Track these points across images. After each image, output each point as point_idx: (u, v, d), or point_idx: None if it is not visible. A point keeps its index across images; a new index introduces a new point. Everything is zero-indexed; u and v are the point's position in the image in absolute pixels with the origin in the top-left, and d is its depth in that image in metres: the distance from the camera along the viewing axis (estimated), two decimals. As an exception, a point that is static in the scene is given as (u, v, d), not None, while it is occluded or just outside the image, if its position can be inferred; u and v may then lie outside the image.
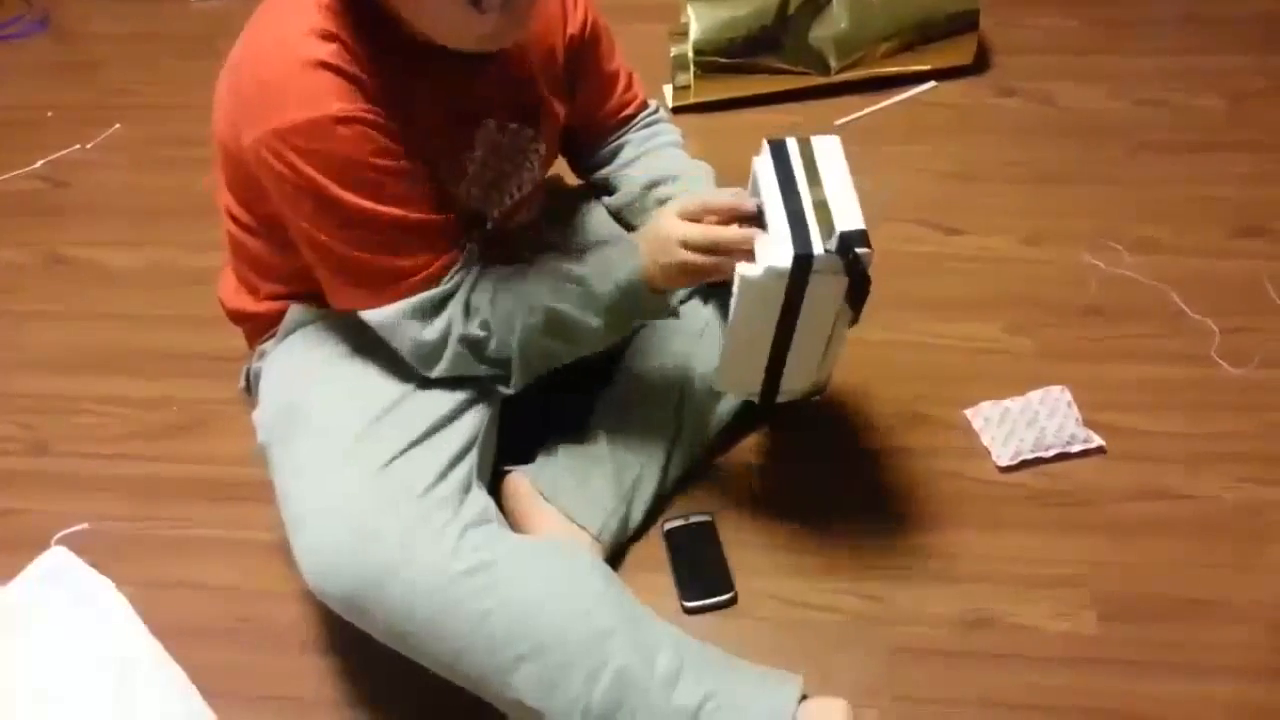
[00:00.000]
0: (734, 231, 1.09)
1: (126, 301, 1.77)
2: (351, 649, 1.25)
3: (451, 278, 1.13)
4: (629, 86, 1.39)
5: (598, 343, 1.20)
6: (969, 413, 1.47)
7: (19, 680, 1.17)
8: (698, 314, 1.38)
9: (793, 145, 1.14)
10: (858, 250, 1.04)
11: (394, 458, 1.09)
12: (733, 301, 1.11)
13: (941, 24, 2.06)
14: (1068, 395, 1.46)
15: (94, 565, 1.28)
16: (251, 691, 1.25)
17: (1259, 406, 1.46)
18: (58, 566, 1.27)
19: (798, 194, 1.09)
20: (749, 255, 1.08)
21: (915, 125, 2.03)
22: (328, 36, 1.01)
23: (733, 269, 1.08)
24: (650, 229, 1.15)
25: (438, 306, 1.12)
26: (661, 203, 1.32)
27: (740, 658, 1.15)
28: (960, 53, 2.09)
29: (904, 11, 2.04)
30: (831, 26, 2.04)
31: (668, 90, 2.11)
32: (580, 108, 1.32)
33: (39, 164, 2.09)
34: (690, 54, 2.03)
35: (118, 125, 2.16)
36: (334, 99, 1.01)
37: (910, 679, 1.21)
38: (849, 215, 1.07)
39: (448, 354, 1.14)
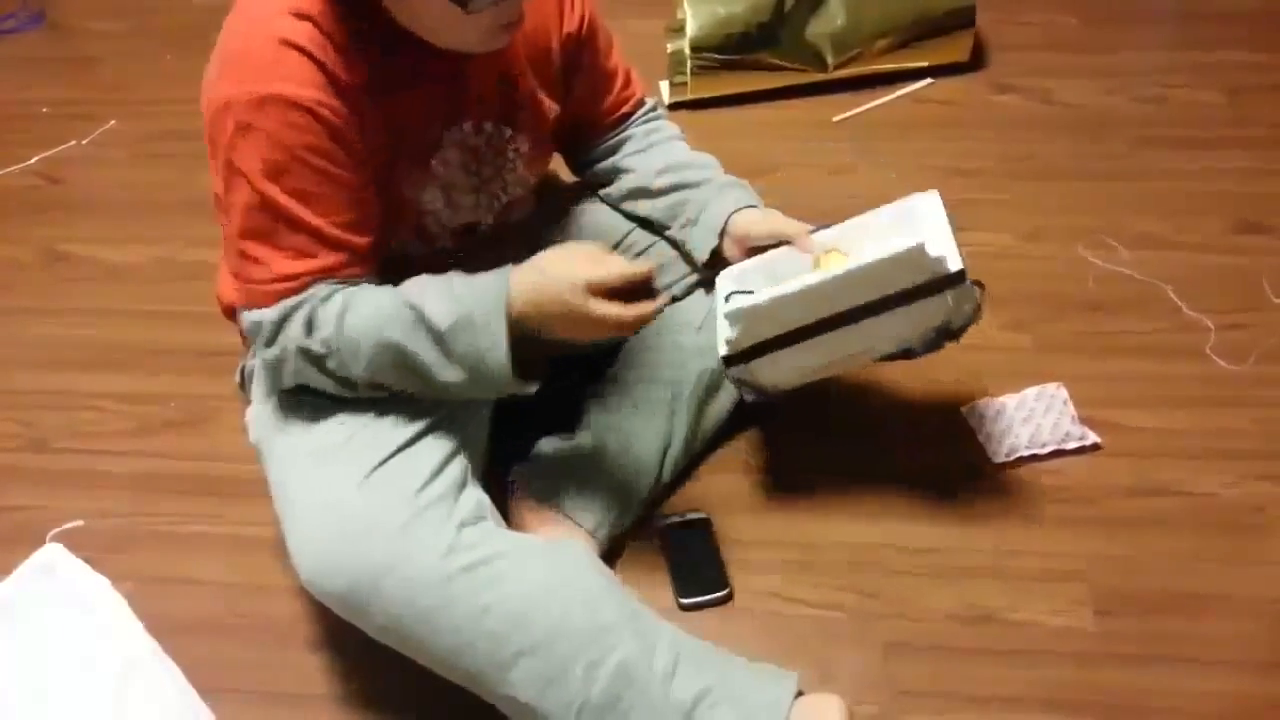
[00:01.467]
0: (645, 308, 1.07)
1: (123, 297, 1.77)
2: (349, 644, 1.25)
3: (310, 289, 1.07)
4: (627, 84, 1.39)
5: (469, 394, 1.11)
6: (965, 409, 1.47)
7: (13, 677, 1.16)
8: (696, 306, 1.38)
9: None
10: (980, 304, 1.16)
11: (388, 457, 1.09)
12: (866, 258, 1.12)
13: (938, 20, 2.06)
14: (1064, 392, 1.46)
15: (90, 562, 1.27)
16: (248, 687, 1.25)
17: (1256, 403, 1.46)
18: (53, 563, 1.27)
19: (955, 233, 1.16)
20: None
21: (912, 122, 2.03)
22: (302, 16, 1.01)
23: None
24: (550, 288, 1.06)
25: (283, 320, 1.07)
26: (672, 190, 1.33)
27: (738, 654, 1.14)
28: (957, 49, 2.10)
29: (900, 8, 2.05)
30: (828, 23, 2.04)
31: (664, 87, 2.11)
32: (578, 105, 1.32)
33: (34, 160, 2.09)
34: (687, 50, 2.03)
35: (114, 121, 2.15)
36: (287, 81, 1.00)
37: (908, 675, 1.21)
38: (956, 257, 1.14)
39: (289, 368, 1.10)
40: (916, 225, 1.19)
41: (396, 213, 1.17)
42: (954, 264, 1.12)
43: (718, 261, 1.33)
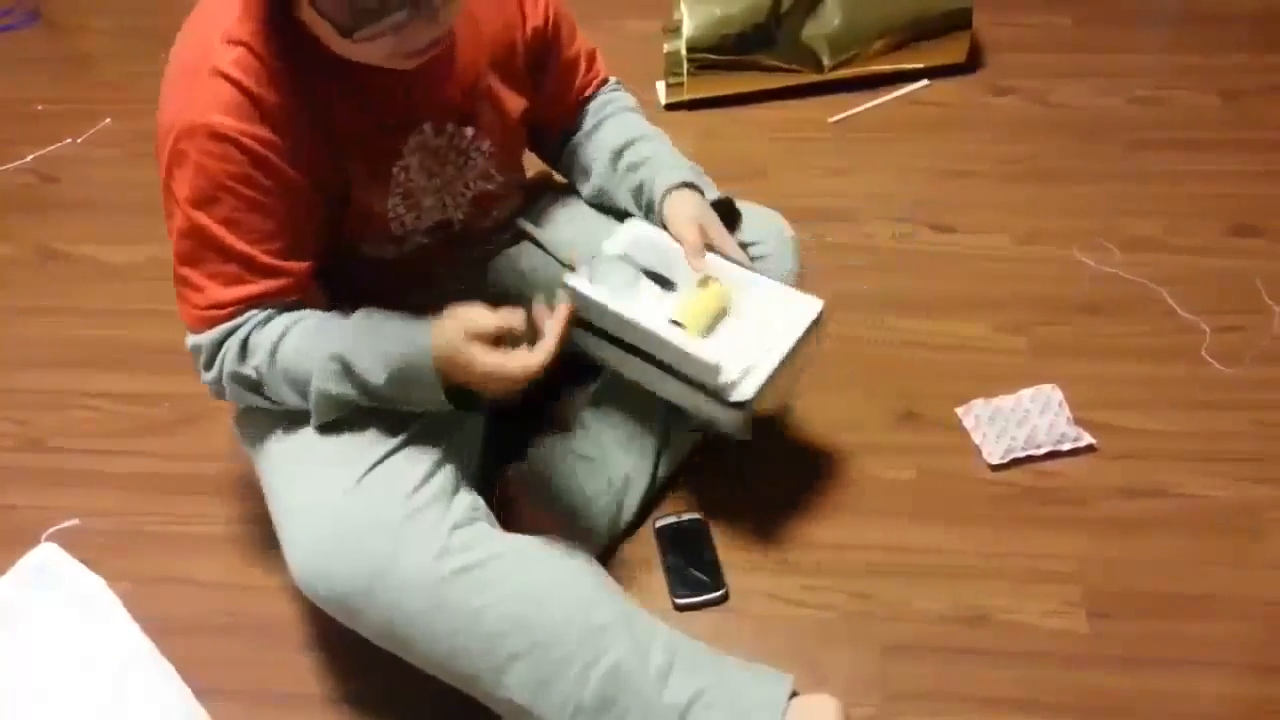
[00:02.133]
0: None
1: (118, 297, 1.77)
2: (345, 644, 1.25)
3: (245, 314, 1.08)
4: (590, 66, 1.36)
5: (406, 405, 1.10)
6: (960, 411, 1.47)
7: (8, 677, 1.16)
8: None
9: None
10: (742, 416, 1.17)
11: (380, 460, 1.09)
12: (681, 339, 1.16)
13: (935, 22, 2.06)
14: (1059, 394, 1.46)
15: (85, 562, 1.27)
16: (244, 687, 1.25)
17: (1250, 405, 1.47)
18: (47, 563, 1.27)
19: (788, 357, 1.19)
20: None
21: (908, 123, 2.03)
22: (236, 42, 1.01)
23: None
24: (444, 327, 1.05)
25: (218, 345, 1.09)
26: (632, 169, 1.30)
27: (733, 656, 1.15)
28: (953, 51, 2.10)
29: (897, 9, 2.05)
30: (825, 24, 2.04)
31: (661, 87, 2.11)
32: (548, 96, 1.30)
33: (29, 158, 2.08)
34: (683, 51, 2.03)
35: (108, 119, 2.15)
36: (216, 110, 1.01)
37: (903, 676, 1.21)
38: (756, 385, 1.16)
39: (228, 393, 1.12)
40: (768, 328, 1.20)
41: (364, 221, 1.17)
42: (740, 395, 1.15)
43: None
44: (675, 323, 1.18)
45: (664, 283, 1.25)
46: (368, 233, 1.19)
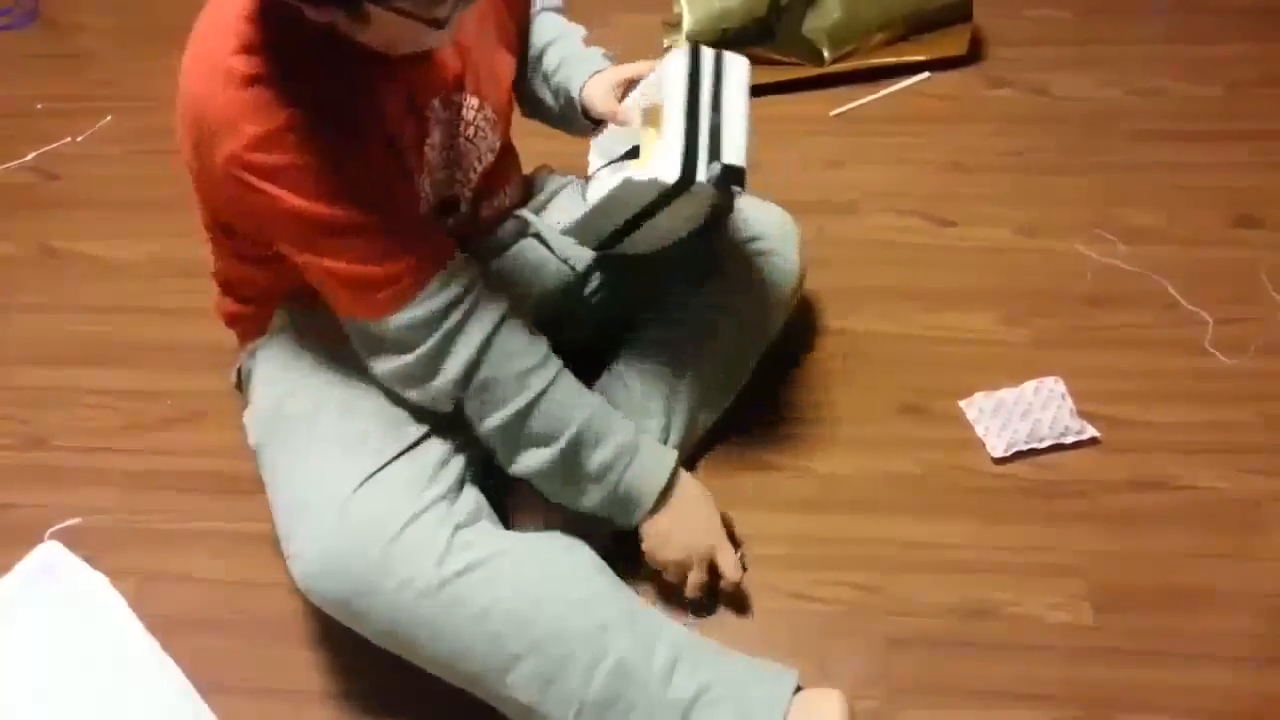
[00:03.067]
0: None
1: (119, 294, 1.77)
2: (348, 641, 1.24)
3: (447, 286, 1.07)
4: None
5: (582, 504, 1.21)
6: (963, 404, 1.47)
7: (12, 676, 1.16)
8: (686, 308, 1.38)
9: (708, 57, 1.15)
10: (733, 187, 1.11)
11: (386, 463, 1.09)
12: (606, 188, 1.15)
13: (935, 15, 2.05)
14: (1062, 386, 1.46)
15: (87, 560, 1.28)
16: (247, 684, 1.25)
17: (1254, 397, 1.46)
18: (51, 561, 1.27)
19: (698, 111, 1.11)
20: None
21: (909, 116, 2.02)
22: (251, 49, 0.97)
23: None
24: (703, 510, 1.25)
25: (431, 323, 1.07)
26: (549, 75, 1.31)
27: (737, 649, 1.15)
28: (954, 43, 2.09)
29: (897, 2, 2.04)
30: (825, 17, 2.04)
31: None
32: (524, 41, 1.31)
33: (30, 157, 2.08)
34: (683, 45, 2.02)
35: (109, 117, 2.15)
36: (273, 111, 0.96)
37: (907, 669, 1.21)
38: (735, 149, 1.11)
39: (437, 383, 1.10)
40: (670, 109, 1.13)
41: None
42: (669, 175, 1.09)
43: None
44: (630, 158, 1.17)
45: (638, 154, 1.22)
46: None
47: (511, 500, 1.31)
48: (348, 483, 1.07)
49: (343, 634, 1.22)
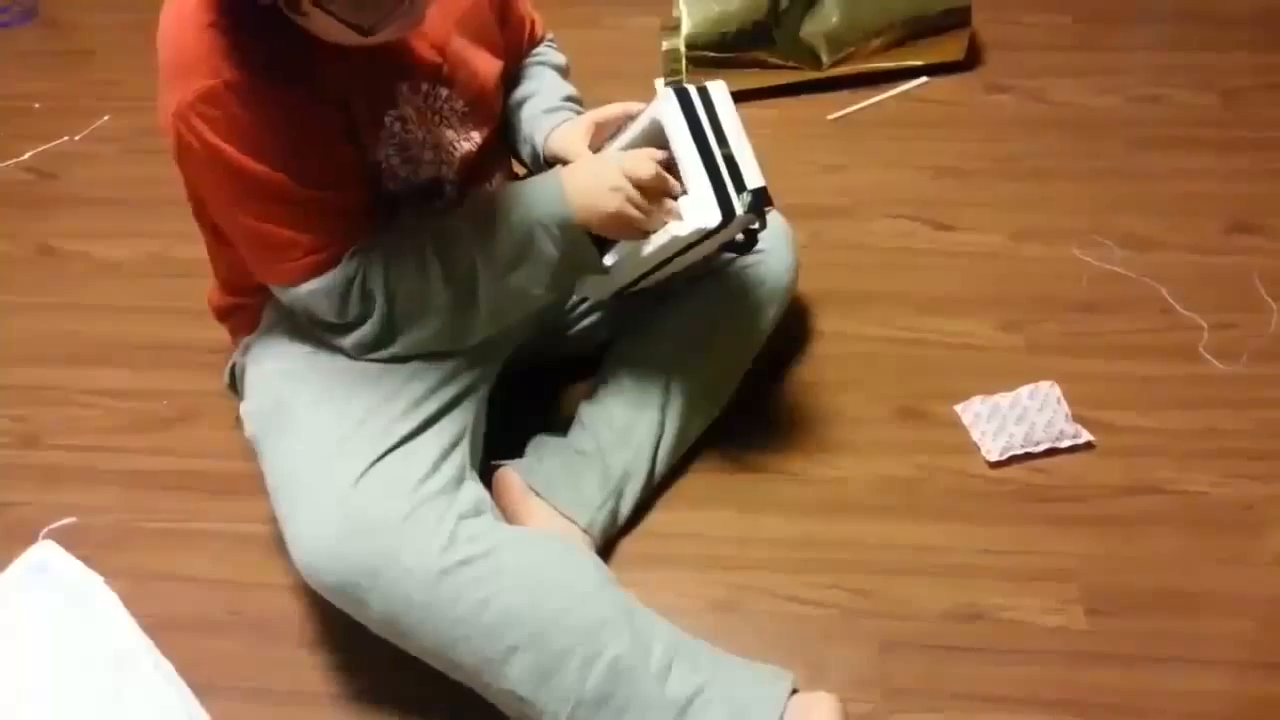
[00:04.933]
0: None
1: (116, 293, 1.77)
2: (344, 642, 1.25)
3: (353, 258, 1.12)
4: (534, 29, 1.38)
5: (518, 301, 1.19)
6: (959, 408, 1.47)
7: (6, 675, 1.16)
8: (680, 308, 1.38)
9: (694, 94, 1.17)
10: (764, 209, 1.15)
11: (388, 451, 1.09)
12: (650, 246, 1.16)
13: (933, 20, 2.06)
14: (1057, 391, 1.46)
15: (83, 559, 1.28)
16: (243, 685, 1.24)
17: (1248, 402, 1.47)
18: (46, 561, 1.27)
19: (710, 150, 1.15)
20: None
21: (907, 121, 2.03)
22: (213, 6, 1.01)
23: (659, 225, 1.14)
24: (584, 164, 1.17)
25: (343, 290, 1.11)
26: (519, 126, 1.32)
27: (732, 652, 1.15)
28: (952, 49, 2.10)
29: (896, 7, 2.04)
30: (823, 21, 2.04)
31: (659, 85, 2.10)
32: (507, 53, 1.31)
33: (27, 155, 2.08)
34: (682, 48, 2.02)
35: (107, 116, 2.15)
36: (231, 64, 1.00)
37: (901, 673, 1.22)
38: (753, 171, 1.14)
39: (367, 332, 1.14)
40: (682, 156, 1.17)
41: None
42: (712, 220, 1.13)
43: None
44: None
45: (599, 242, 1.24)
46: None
47: (509, 498, 1.31)
48: (350, 470, 1.07)
49: (340, 635, 1.22)
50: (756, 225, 1.19)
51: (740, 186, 1.14)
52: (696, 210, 1.13)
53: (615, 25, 2.27)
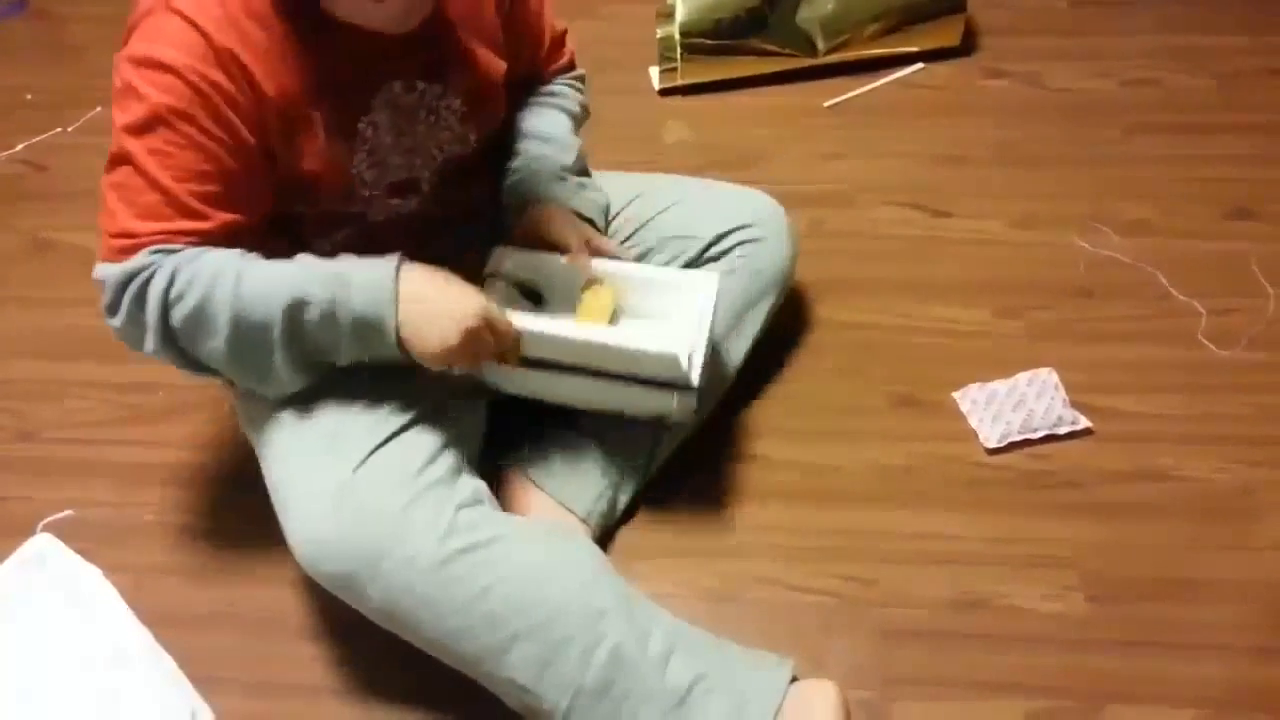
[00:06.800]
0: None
1: (110, 286, 1.76)
2: (344, 634, 1.25)
3: (161, 254, 1.04)
4: (555, 50, 1.36)
5: (270, 371, 1.09)
6: (957, 395, 1.47)
7: (4, 669, 1.16)
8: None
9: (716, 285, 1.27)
10: (690, 398, 1.22)
11: (385, 440, 1.09)
12: (594, 334, 1.19)
13: (929, 5, 2.05)
14: (1055, 377, 1.46)
15: (81, 552, 1.27)
16: (242, 677, 1.24)
17: (1246, 388, 1.47)
18: (43, 554, 1.27)
19: (710, 331, 1.25)
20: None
21: (903, 107, 2.02)
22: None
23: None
24: (443, 285, 1.09)
25: (123, 282, 1.05)
26: (512, 168, 1.31)
27: (731, 641, 1.15)
28: (948, 34, 2.09)
29: (891, -8, 2.04)
30: (819, 8, 2.03)
31: (654, 73, 2.10)
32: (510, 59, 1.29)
33: (19, 147, 2.07)
34: (677, 36, 2.02)
35: (99, 108, 2.14)
36: (166, 46, 1.00)
37: (901, 661, 1.22)
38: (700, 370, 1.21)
39: (145, 331, 1.06)
40: (684, 311, 1.26)
41: (325, 180, 1.14)
42: (694, 377, 1.19)
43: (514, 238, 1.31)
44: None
45: (534, 297, 1.27)
46: (325, 194, 1.16)
47: (508, 489, 1.31)
48: (349, 460, 1.07)
49: (340, 627, 1.22)
50: (672, 407, 1.22)
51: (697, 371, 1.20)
52: (669, 340, 1.16)
53: (607, 13, 2.26)
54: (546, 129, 1.34)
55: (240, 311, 1.04)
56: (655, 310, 1.29)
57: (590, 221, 1.31)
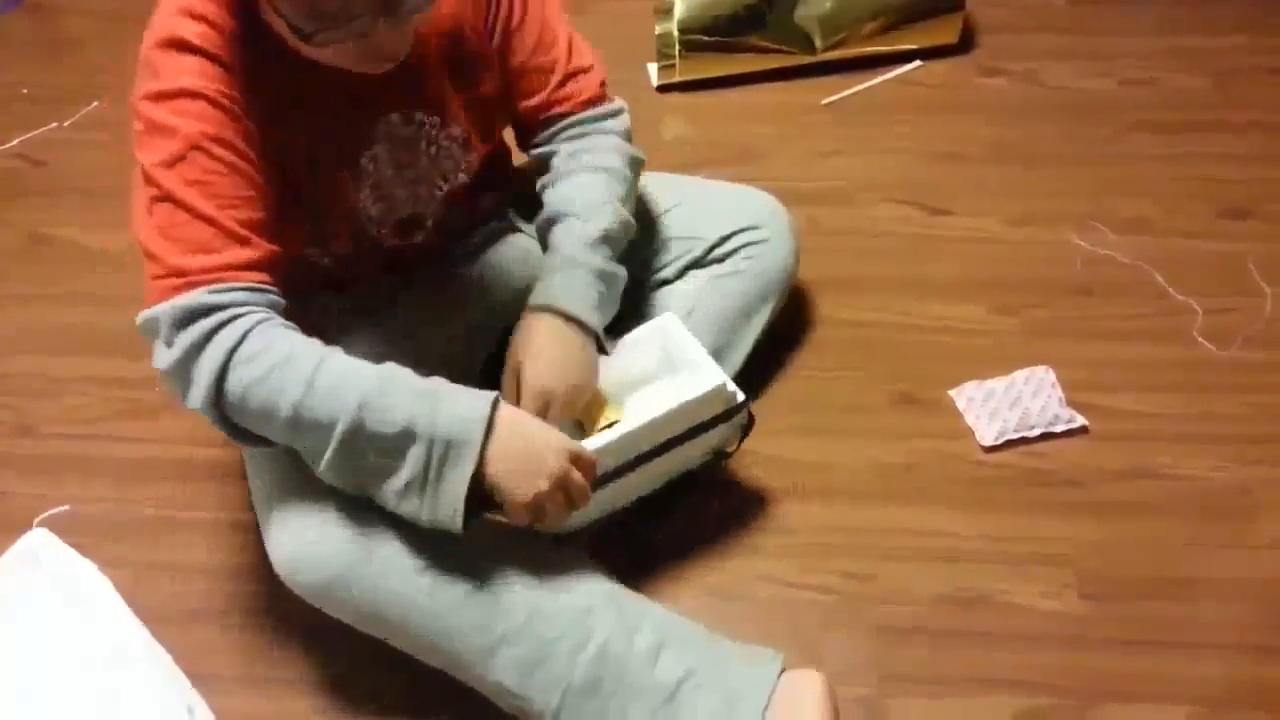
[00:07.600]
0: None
1: (108, 281, 1.75)
2: (340, 629, 1.24)
3: (222, 293, 0.98)
4: (563, 85, 1.24)
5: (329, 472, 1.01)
6: (954, 393, 1.47)
7: (3, 669, 1.16)
8: (685, 294, 1.38)
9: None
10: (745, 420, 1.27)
11: None
12: (645, 418, 1.13)
13: (927, 3, 2.05)
14: (1051, 375, 1.46)
15: (77, 548, 1.27)
16: (238, 673, 1.24)
17: (1242, 387, 1.47)
18: (39, 549, 1.26)
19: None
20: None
21: (901, 105, 2.02)
22: (195, 17, 0.99)
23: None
24: (527, 424, 1.02)
25: (183, 318, 0.99)
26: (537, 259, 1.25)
27: (723, 635, 1.15)
28: (946, 32, 2.09)
29: (890, -10, 2.04)
30: (817, 5, 2.03)
31: (652, 69, 2.09)
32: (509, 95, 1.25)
33: (16, 142, 2.06)
34: (675, 33, 2.02)
35: (96, 103, 2.13)
36: (182, 74, 0.98)
37: (899, 658, 1.22)
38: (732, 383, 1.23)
39: (197, 384, 0.99)
40: (673, 350, 1.26)
41: (330, 218, 1.14)
42: (739, 393, 1.21)
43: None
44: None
45: None
46: (335, 233, 1.16)
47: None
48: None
49: (336, 624, 1.21)
50: (729, 434, 1.25)
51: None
52: (701, 376, 1.18)
53: (605, 10, 2.26)
54: (559, 203, 1.22)
55: (309, 395, 0.96)
56: (641, 369, 1.26)
57: (576, 318, 1.17)
